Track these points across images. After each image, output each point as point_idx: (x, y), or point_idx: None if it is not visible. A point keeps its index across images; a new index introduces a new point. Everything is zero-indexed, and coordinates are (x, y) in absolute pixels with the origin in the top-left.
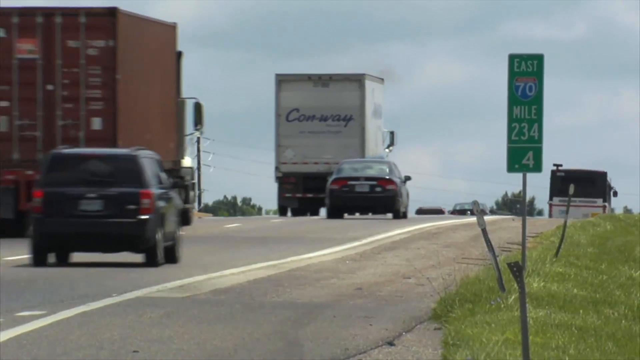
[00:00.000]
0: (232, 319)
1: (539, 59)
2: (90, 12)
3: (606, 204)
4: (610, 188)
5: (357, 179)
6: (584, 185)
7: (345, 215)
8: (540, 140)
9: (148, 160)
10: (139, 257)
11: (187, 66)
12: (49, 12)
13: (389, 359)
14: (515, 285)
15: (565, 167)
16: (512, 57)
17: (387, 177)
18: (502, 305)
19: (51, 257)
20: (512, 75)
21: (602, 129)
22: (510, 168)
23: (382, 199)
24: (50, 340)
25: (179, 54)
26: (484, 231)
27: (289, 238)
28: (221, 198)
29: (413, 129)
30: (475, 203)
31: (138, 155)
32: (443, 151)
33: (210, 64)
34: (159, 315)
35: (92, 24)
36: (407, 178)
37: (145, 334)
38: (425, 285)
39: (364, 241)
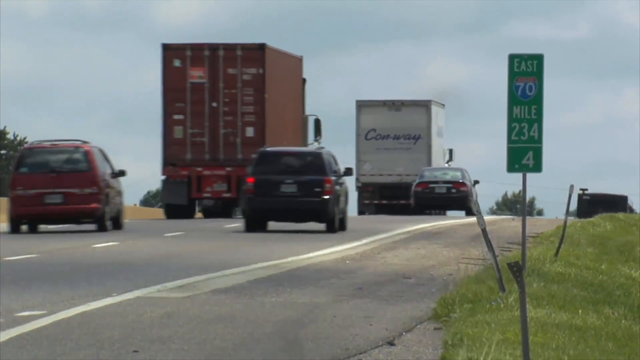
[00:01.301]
0: (232, 318)
1: (538, 59)
2: (245, 46)
3: None
4: (632, 210)
5: (436, 182)
6: (607, 208)
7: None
8: (540, 140)
9: (328, 156)
10: (321, 227)
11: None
12: (214, 47)
13: (389, 359)
14: (515, 285)
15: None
16: (512, 57)
17: (461, 181)
18: (502, 305)
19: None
20: (512, 75)
21: (606, 129)
22: (510, 168)
23: (456, 198)
24: (50, 340)
25: (303, 80)
26: (484, 231)
27: (290, 238)
28: None
29: None
30: (475, 203)
31: (322, 152)
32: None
33: None
34: (159, 315)
35: (246, 55)
36: (476, 182)
37: (145, 334)
38: (426, 285)
39: (364, 241)
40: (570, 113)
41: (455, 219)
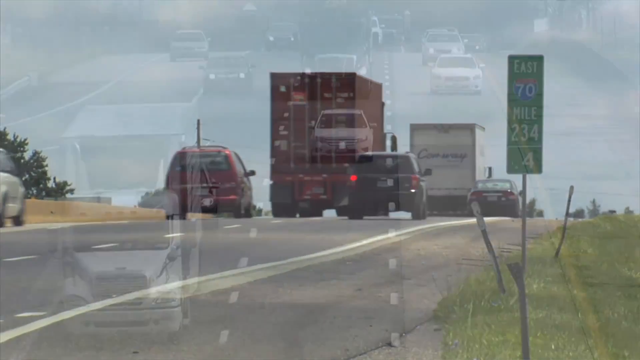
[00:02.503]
0: (232, 319)
1: (538, 60)
2: (338, 76)
3: None
4: None
5: (488, 192)
6: None
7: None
8: (540, 141)
9: (413, 159)
10: (408, 215)
11: (188, 68)
12: (313, 76)
13: None
14: (516, 286)
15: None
16: (512, 59)
17: (509, 190)
18: (502, 307)
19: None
20: (512, 76)
21: (607, 131)
22: (510, 169)
23: (506, 206)
24: (50, 341)
25: (382, 103)
26: (484, 232)
27: (289, 239)
28: None
29: None
30: (474, 204)
31: (409, 155)
32: None
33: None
34: (159, 317)
35: (339, 83)
36: (522, 191)
37: (145, 335)
38: (426, 286)
39: (364, 242)
40: (573, 114)
41: (454, 220)
